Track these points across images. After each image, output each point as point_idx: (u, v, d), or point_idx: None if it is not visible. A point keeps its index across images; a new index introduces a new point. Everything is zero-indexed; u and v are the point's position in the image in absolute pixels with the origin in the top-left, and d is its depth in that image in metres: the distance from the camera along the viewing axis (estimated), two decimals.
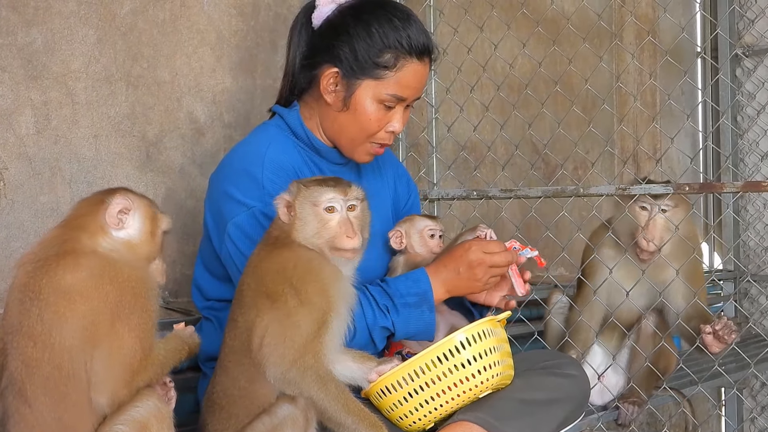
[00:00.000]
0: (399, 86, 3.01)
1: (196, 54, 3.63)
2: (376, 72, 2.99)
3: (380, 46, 2.98)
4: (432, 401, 2.81)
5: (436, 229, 3.24)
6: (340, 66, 3.01)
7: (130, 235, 2.39)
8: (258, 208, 2.91)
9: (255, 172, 2.94)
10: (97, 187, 3.26)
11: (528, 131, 4.44)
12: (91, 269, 2.27)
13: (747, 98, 6.54)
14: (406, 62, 3.01)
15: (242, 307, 2.62)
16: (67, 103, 3.23)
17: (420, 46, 3.02)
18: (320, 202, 2.66)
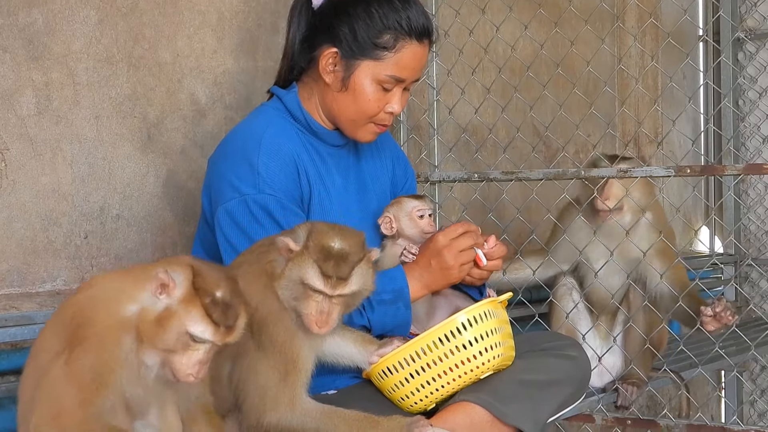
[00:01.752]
0: (398, 67, 3.01)
1: (197, 35, 3.62)
2: (375, 53, 2.99)
3: (380, 27, 2.98)
4: (433, 382, 2.82)
5: (425, 208, 3.18)
6: (340, 46, 3.01)
7: None
8: (251, 195, 2.89)
9: (251, 157, 2.93)
10: (99, 169, 3.28)
11: (529, 114, 4.44)
12: None
13: (749, 82, 6.53)
14: (406, 44, 3.00)
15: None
16: (69, 83, 3.22)
17: (420, 28, 3.01)
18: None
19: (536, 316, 4.08)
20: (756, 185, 6.54)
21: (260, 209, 2.85)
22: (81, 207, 3.26)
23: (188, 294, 2.17)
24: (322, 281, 2.48)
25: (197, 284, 2.18)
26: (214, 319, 2.17)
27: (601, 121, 4.49)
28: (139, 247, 3.44)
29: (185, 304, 2.17)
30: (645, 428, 3.98)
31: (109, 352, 2.15)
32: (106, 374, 2.14)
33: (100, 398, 2.13)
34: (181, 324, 2.16)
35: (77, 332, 2.16)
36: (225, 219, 2.92)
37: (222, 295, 2.19)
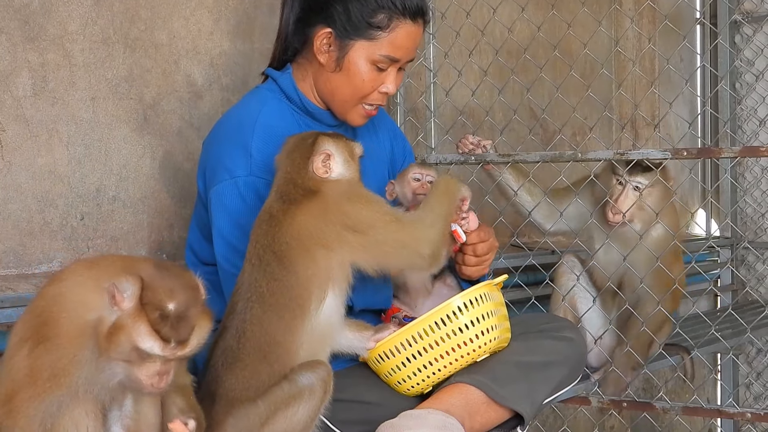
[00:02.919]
0: (392, 47, 3.00)
1: (193, 16, 3.61)
2: (369, 32, 2.99)
3: (373, 7, 2.97)
4: (430, 366, 2.83)
5: (422, 173, 3.20)
6: (334, 26, 3.00)
7: None
8: (242, 178, 2.90)
9: (245, 140, 2.93)
10: (95, 150, 3.27)
11: (526, 96, 4.43)
12: None
13: (746, 64, 6.53)
14: (400, 23, 3.00)
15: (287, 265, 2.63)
16: (65, 65, 3.21)
17: (414, 7, 3.01)
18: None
19: (533, 299, 4.08)
20: (753, 168, 6.54)
21: (251, 191, 2.85)
22: (77, 188, 3.25)
23: (136, 308, 2.11)
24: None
25: (145, 298, 2.11)
26: (162, 335, 2.10)
27: (598, 104, 4.48)
28: (135, 229, 3.43)
29: (133, 319, 2.11)
30: (641, 411, 3.99)
31: (69, 357, 2.14)
32: (61, 376, 2.14)
33: (51, 396, 2.15)
34: (130, 339, 2.11)
35: (42, 329, 2.17)
36: (216, 200, 2.93)
37: (174, 307, 2.13)
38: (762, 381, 6.43)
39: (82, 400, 2.19)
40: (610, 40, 5.63)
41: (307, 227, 2.61)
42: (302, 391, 2.57)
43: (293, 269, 2.60)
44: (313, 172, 2.69)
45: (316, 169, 2.68)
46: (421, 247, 2.72)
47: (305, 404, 2.57)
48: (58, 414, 2.17)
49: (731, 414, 3.78)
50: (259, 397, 2.58)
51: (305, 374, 2.58)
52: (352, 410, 2.86)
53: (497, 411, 2.91)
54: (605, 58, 5.35)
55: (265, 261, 2.63)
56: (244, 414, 2.58)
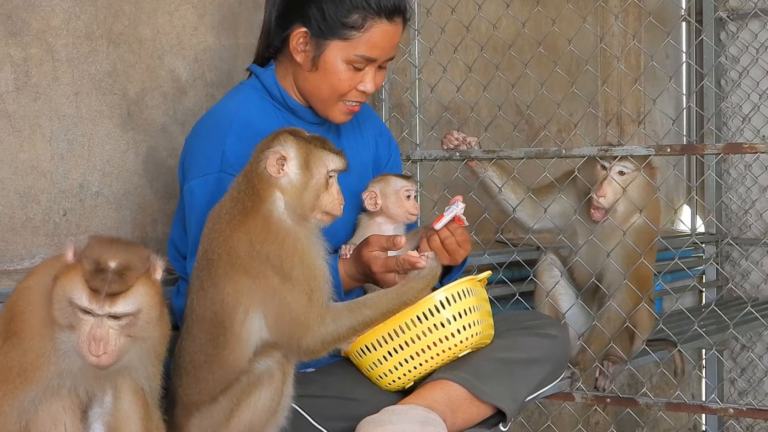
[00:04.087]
0: (367, 47, 2.99)
1: (178, 11, 3.60)
2: (343, 32, 2.97)
3: (348, 7, 2.96)
4: (412, 360, 2.83)
5: (413, 189, 3.19)
6: (309, 26, 3.00)
7: None
8: (213, 175, 2.89)
9: (220, 137, 2.93)
10: (78, 146, 3.26)
11: (511, 92, 4.42)
12: None
13: (731, 61, 6.54)
14: (375, 23, 2.98)
15: (214, 278, 2.58)
16: (48, 59, 3.20)
17: (389, 7, 2.99)
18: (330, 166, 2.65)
19: (517, 295, 4.08)
20: (737, 165, 6.55)
21: (220, 189, 2.83)
22: (60, 184, 3.24)
23: (74, 261, 2.13)
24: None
25: (83, 254, 2.13)
26: (91, 285, 2.09)
27: (583, 100, 4.48)
28: (118, 225, 3.43)
29: (68, 270, 2.12)
30: (624, 407, 4.00)
31: (37, 350, 2.15)
32: (30, 371, 2.15)
33: (22, 393, 2.15)
34: (64, 291, 2.11)
35: (11, 325, 2.17)
36: (187, 196, 2.94)
37: (112, 264, 2.12)
38: (746, 377, 6.45)
39: (58, 396, 2.19)
40: (595, 36, 5.64)
41: (239, 246, 2.56)
42: (260, 377, 2.57)
43: (216, 282, 2.58)
44: (265, 170, 2.59)
45: (269, 166, 2.58)
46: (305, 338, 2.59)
47: (266, 389, 2.57)
48: (33, 411, 2.17)
49: (714, 410, 3.79)
50: (219, 395, 2.58)
51: (261, 361, 2.58)
52: (334, 407, 2.86)
53: (479, 407, 2.92)
54: (590, 54, 5.35)
55: (201, 264, 2.64)
56: (207, 413, 2.59)
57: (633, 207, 3.75)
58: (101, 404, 2.29)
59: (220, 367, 2.59)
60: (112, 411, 2.29)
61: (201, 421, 2.60)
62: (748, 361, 6.41)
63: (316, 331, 2.57)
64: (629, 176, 3.75)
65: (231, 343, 2.57)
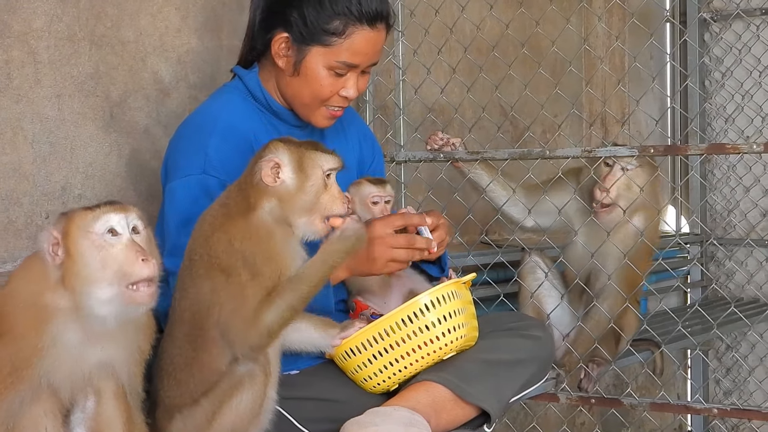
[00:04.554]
0: (349, 53, 2.98)
1: (161, 13, 3.59)
2: (325, 39, 2.97)
3: (329, 13, 2.95)
4: (396, 363, 2.83)
5: (380, 195, 3.18)
6: (291, 31, 2.99)
7: None
8: (194, 176, 2.89)
9: (203, 139, 2.93)
10: (60, 148, 3.25)
11: (495, 94, 4.42)
12: None
13: (714, 62, 6.56)
14: (356, 29, 2.97)
15: (194, 278, 2.58)
16: (29, 62, 3.19)
17: (371, 13, 2.98)
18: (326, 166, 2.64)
19: (501, 296, 4.08)
20: (721, 165, 6.57)
21: (201, 190, 2.83)
22: (42, 186, 3.23)
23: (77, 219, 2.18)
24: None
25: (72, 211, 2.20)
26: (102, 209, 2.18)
27: (567, 101, 4.49)
28: None
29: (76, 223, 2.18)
30: (609, 407, 4.00)
31: (30, 347, 2.15)
32: (23, 369, 2.15)
33: (14, 393, 2.14)
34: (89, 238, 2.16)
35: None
36: (167, 197, 2.94)
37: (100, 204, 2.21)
38: (731, 377, 6.46)
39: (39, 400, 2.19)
40: (579, 37, 5.65)
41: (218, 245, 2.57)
42: (242, 379, 2.55)
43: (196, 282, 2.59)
44: (261, 181, 2.59)
45: (265, 176, 2.58)
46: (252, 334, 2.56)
47: (248, 391, 2.56)
48: (19, 413, 2.16)
49: (699, 410, 3.80)
50: (201, 397, 2.57)
51: (243, 362, 2.57)
52: (319, 408, 2.86)
53: (464, 409, 2.92)
54: (574, 55, 5.35)
55: (185, 265, 2.63)
56: (189, 415, 2.58)
57: (635, 205, 3.76)
58: (83, 409, 2.28)
59: (200, 369, 2.58)
60: (95, 415, 2.29)
61: (183, 424, 2.59)
62: (732, 361, 6.42)
63: (262, 324, 2.54)
64: (633, 173, 3.77)
65: (208, 345, 2.57)
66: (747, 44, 6.24)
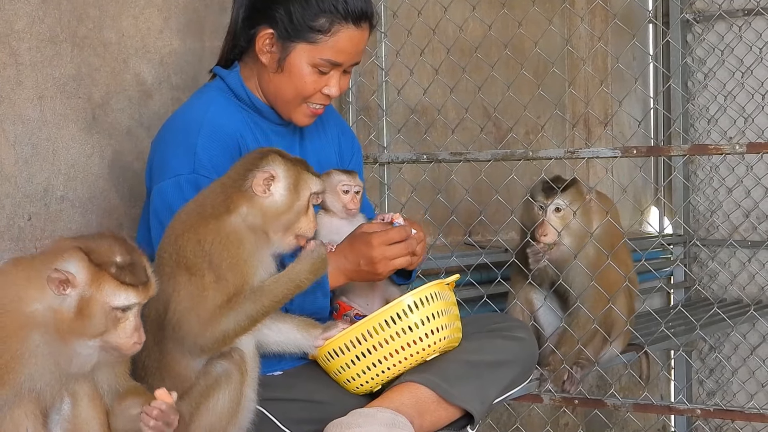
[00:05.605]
0: (333, 51, 2.99)
1: (143, 15, 3.59)
2: (310, 36, 2.97)
3: (315, 10, 2.96)
4: (379, 364, 2.83)
5: (351, 184, 3.17)
6: (276, 28, 3.00)
7: None
8: (185, 176, 2.88)
9: (190, 138, 2.92)
10: (42, 150, 3.24)
11: (478, 95, 4.43)
12: None
13: (697, 63, 6.57)
14: (341, 27, 2.98)
15: (161, 277, 2.55)
16: (11, 63, 3.18)
17: (357, 12, 2.99)
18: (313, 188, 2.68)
19: (485, 297, 4.08)
20: (704, 166, 6.59)
21: (192, 189, 2.83)
22: (24, 188, 3.22)
23: (93, 274, 2.17)
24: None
25: (96, 260, 2.17)
26: (129, 282, 2.19)
27: (550, 102, 4.49)
28: (84, 229, 3.40)
29: (96, 285, 2.17)
30: (592, 408, 4.01)
31: (12, 352, 2.14)
32: (5, 374, 2.14)
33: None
34: (104, 304, 2.17)
35: None
36: (157, 197, 2.92)
37: (122, 258, 2.21)
38: (714, 377, 6.48)
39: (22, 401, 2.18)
40: (562, 38, 5.65)
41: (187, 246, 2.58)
42: (218, 379, 2.55)
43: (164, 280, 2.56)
44: (250, 188, 2.61)
45: (255, 185, 2.60)
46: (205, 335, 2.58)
47: (224, 391, 2.55)
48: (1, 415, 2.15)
49: (682, 410, 3.80)
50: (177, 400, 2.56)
51: (218, 363, 2.57)
52: (302, 409, 2.86)
53: (447, 410, 2.92)
54: (557, 56, 5.36)
55: (156, 263, 2.62)
56: None
57: (580, 234, 3.78)
58: (59, 411, 2.28)
59: (168, 373, 2.58)
60: (71, 417, 2.28)
61: None
62: (716, 362, 6.44)
63: (217, 328, 2.55)
64: (565, 212, 3.77)
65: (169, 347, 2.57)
66: (729, 45, 6.25)
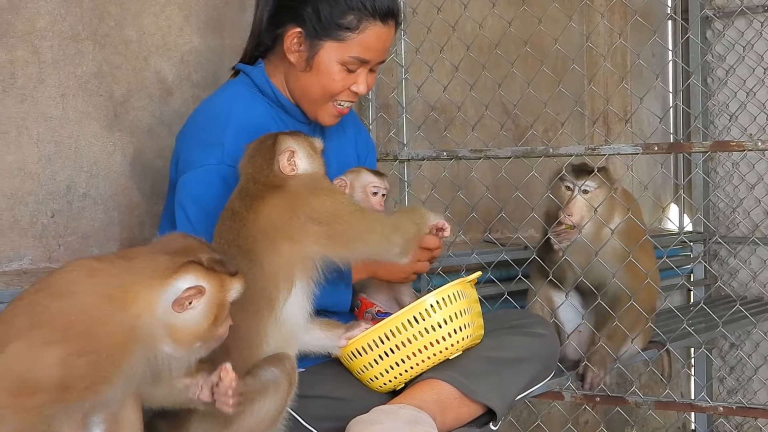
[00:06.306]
0: (361, 48, 3.00)
1: (163, 13, 3.60)
2: (338, 33, 2.98)
3: (343, 8, 2.97)
4: (402, 363, 2.82)
5: (381, 187, 3.19)
6: (304, 26, 3.00)
7: None
8: (212, 166, 2.89)
9: (218, 131, 2.92)
10: (65, 147, 3.26)
11: (498, 92, 4.42)
12: None
13: (717, 60, 6.55)
14: (369, 24, 2.99)
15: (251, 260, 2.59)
16: (34, 61, 3.19)
17: (384, 9, 3.00)
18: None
19: (505, 294, 4.08)
20: (724, 163, 6.57)
21: (219, 180, 2.83)
22: (47, 185, 3.23)
23: (214, 279, 2.23)
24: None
25: (215, 268, 2.23)
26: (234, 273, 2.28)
27: (570, 99, 4.48)
28: (106, 226, 3.42)
29: (220, 287, 2.24)
30: (614, 405, 4.00)
31: (115, 368, 2.13)
32: (101, 384, 2.12)
33: (78, 402, 2.12)
34: (226, 302, 2.26)
35: (79, 342, 2.09)
36: (183, 188, 2.92)
37: (214, 254, 2.28)
38: (735, 375, 6.46)
39: None
40: (581, 35, 5.64)
41: (272, 220, 2.59)
42: (267, 385, 2.55)
43: (258, 262, 2.57)
44: (279, 171, 2.65)
45: (283, 167, 2.65)
46: (389, 234, 2.70)
47: (271, 398, 2.55)
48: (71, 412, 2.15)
49: (704, 408, 3.79)
50: None
51: (269, 368, 2.56)
52: (324, 406, 2.85)
53: (469, 406, 2.91)
54: (576, 53, 5.35)
55: (229, 256, 2.62)
56: (209, 412, 2.56)
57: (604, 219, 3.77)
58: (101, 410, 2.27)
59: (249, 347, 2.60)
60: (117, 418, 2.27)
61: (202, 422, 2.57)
62: (736, 360, 6.42)
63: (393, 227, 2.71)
64: (592, 194, 3.77)
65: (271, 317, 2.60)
66: (750, 41, 6.23)
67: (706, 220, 6.37)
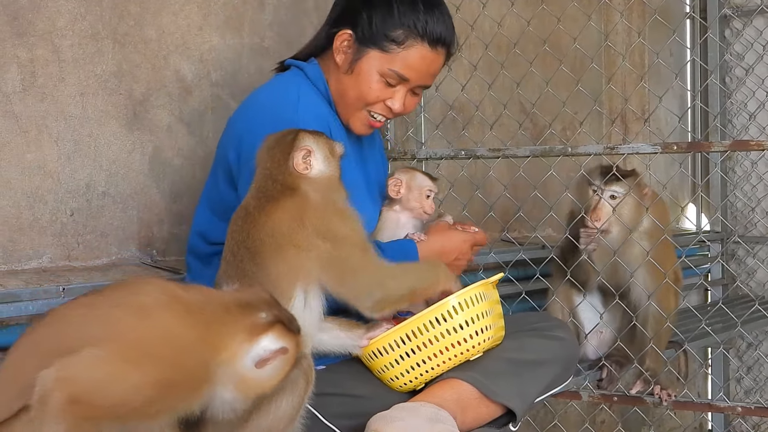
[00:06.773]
0: (403, 65, 3.02)
1: (182, 11, 3.60)
2: (384, 44, 3.02)
3: (396, 22, 3.02)
4: (423, 364, 2.82)
5: (434, 191, 3.26)
6: (355, 30, 3.05)
7: None
8: None
9: (286, 114, 2.93)
10: (84, 146, 3.27)
11: (516, 91, 4.42)
12: None
13: (736, 59, 6.53)
14: (416, 44, 3.02)
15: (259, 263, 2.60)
16: (53, 60, 3.20)
17: (435, 34, 3.04)
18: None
19: (523, 293, 4.08)
20: (742, 162, 6.55)
21: None
22: (67, 184, 3.24)
23: (295, 343, 2.29)
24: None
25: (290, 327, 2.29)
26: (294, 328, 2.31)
27: (588, 98, 4.47)
28: (125, 225, 3.43)
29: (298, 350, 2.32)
30: (631, 405, 4.00)
31: (195, 398, 2.17)
32: (162, 413, 2.13)
33: (132, 424, 2.11)
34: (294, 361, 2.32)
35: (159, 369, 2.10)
36: None
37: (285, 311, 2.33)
38: (752, 375, 6.44)
39: None
40: (600, 34, 5.63)
41: (281, 225, 2.58)
42: (284, 384, 2.55)
43: (264, 265, 2.58)
44: (293, 168, 2.65)
45: (296, 165, 2.65)
46: (373, 287, 2.68)
47: (288, 397, 2.54)
48: None
49: (722, 408, 3.79)
50: None
51: None
52: (343, 404, 2.85)
53: (489, 407, 2.91)
54: (595, 52, 5.34)
55: (238, 257, 2.62)
56: None
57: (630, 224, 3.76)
58: None
59: None
60: None
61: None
62: (754, 360, 6.41)
63: (382, 280, 2.69)
64: (621, 200, 3.75)
65: None
66: None
67: (725, 220, 6.36)
